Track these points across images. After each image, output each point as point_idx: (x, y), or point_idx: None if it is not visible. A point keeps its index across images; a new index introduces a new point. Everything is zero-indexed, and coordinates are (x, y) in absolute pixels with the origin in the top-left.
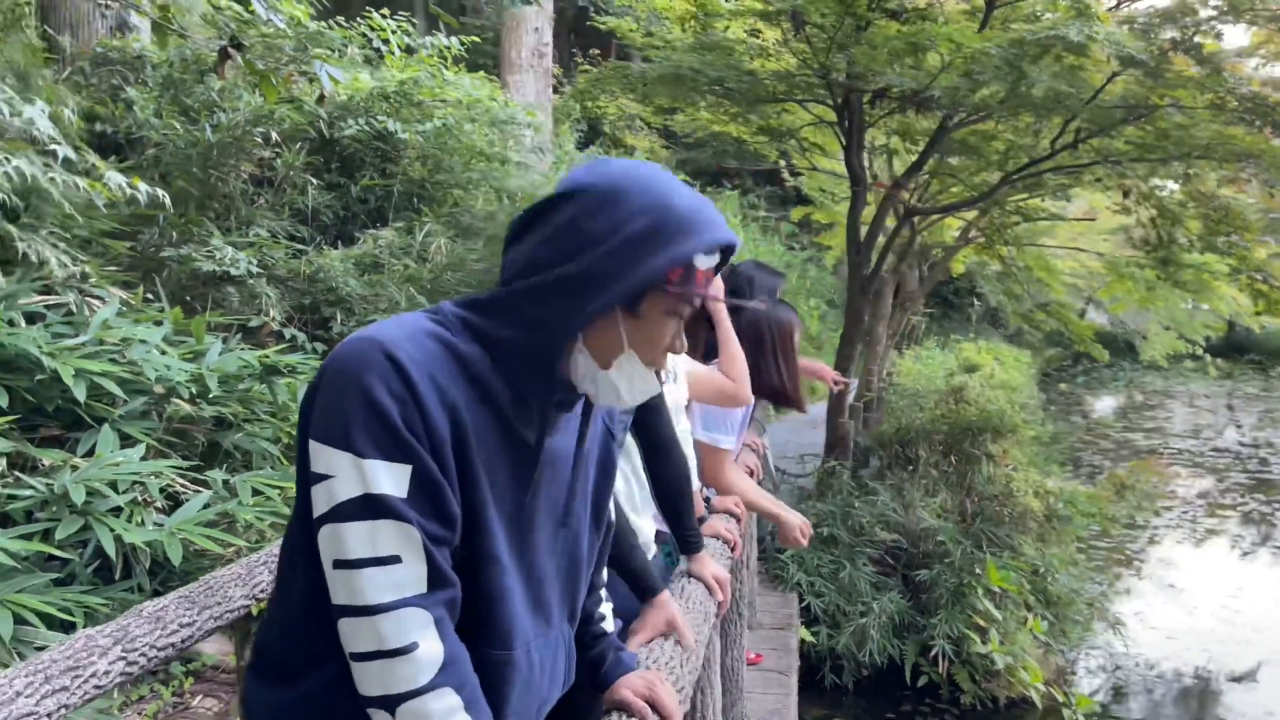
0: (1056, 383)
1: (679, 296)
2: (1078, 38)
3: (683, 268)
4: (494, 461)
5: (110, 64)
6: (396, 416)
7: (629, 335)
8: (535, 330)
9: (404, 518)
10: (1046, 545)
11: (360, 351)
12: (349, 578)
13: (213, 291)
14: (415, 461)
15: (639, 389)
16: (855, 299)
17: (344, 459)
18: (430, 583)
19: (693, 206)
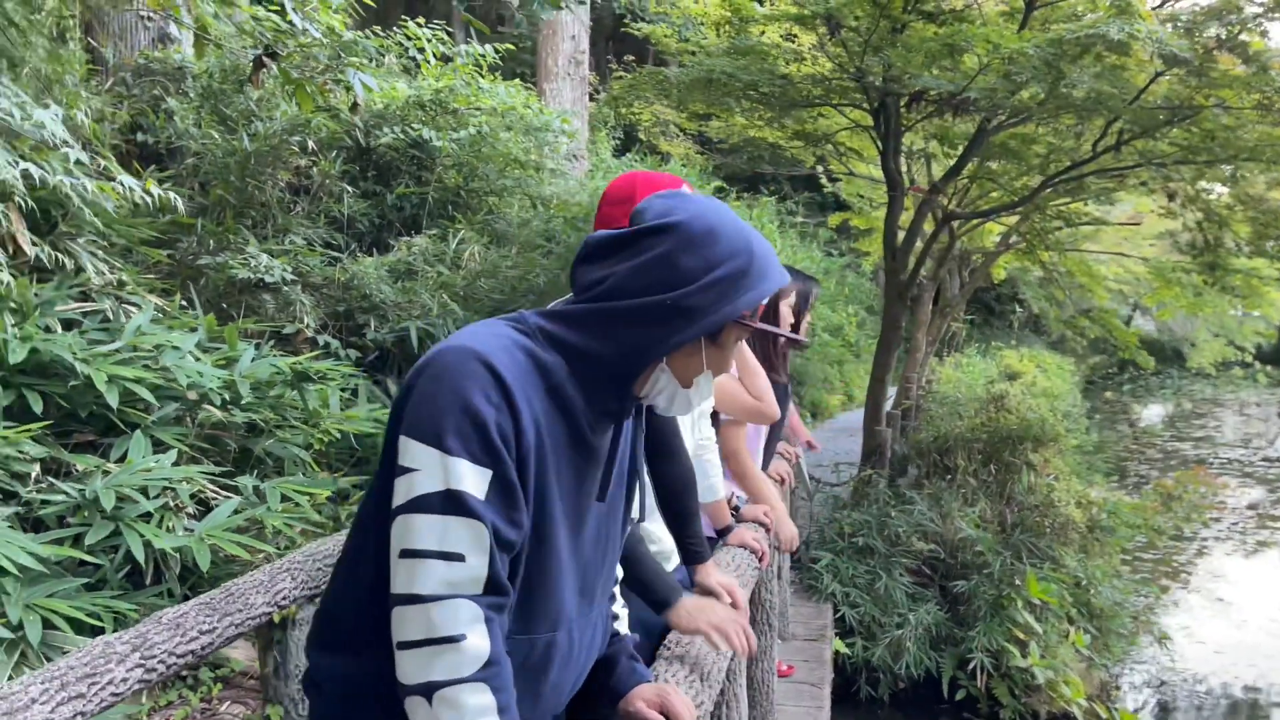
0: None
1: (749, 326)
2: (1119, 36)
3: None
4: (564, 466)
5: (152, 75)
6: (491, 424)
7: (709, 359)
8: (625, 349)
9: (479, 516)
10: (1089, 557)
11: (460, 360)
12: (411, 567)
13: (248, 299)
14: (498, 468)
15: (705, 400)
16: (893, 305)
17: (432, 455)
18: (487, 586)
19: (766, 251)
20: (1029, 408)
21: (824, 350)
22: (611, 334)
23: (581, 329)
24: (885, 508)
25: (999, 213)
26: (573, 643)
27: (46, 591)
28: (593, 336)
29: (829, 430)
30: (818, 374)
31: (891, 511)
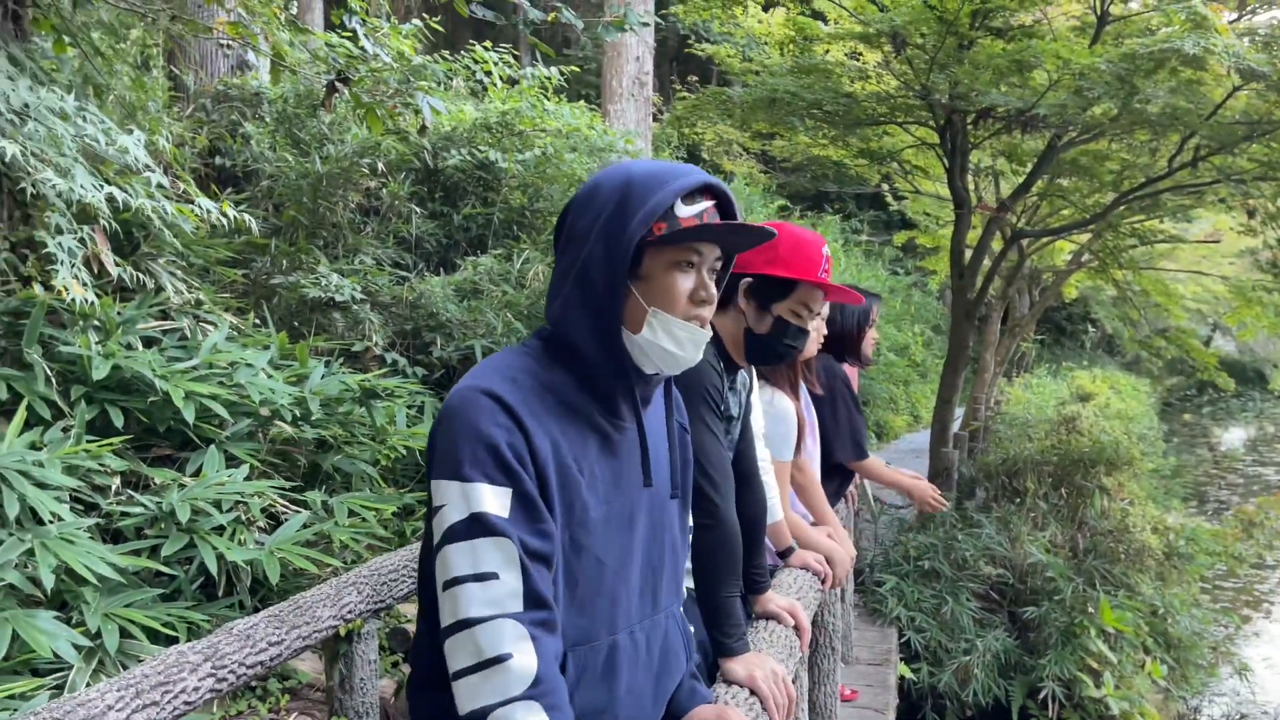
0: (1179, 413)
1: (675, 246)
2: (1193, 50)
3: (662, 219)
4: (596, 471)
5: (230, 101)
6: (503, 445)
7: (644, 296)
8: (586, 331)
9: (504, 533)
10: (1166, 584)
11: (466, 398)
12: (452, 596)
13: (319, 317)
14: (516, 485)
15: (685, 338)
16: (960, 325)
17: (453, 488)
18: (526, 600)
19: (651, 170)
20: (1102, 430)
21: (890, 370)
22: (572, 324)
23: (559, 334)
24: (952, 531)
25: (1070, 231)
26: (636, 645)
27: (124, 601)
28: (567, 335)
29: (894, 452)
30: (883, 394)
31: (958, 535)
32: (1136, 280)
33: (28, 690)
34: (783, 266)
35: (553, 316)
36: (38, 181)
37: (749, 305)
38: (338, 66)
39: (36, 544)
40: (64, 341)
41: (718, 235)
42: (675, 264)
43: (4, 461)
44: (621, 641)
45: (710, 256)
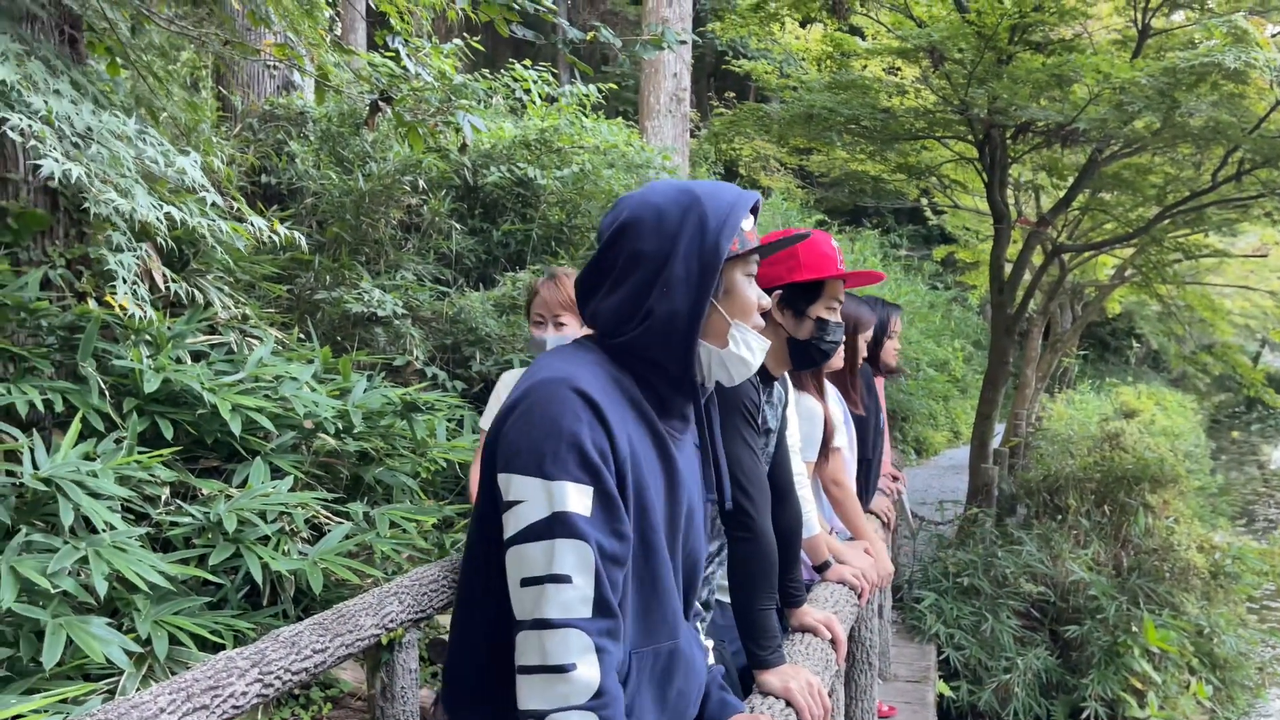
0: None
1: (744, 259)
2: (1234, 64)
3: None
4: (654, 471)
5: (276, 120)
6: (588, 442)
7: (728, 311)
8: (669, 348)
9: (584, 536)
10: (1212, 604)
11: (550, 390)
12: (529, 594)
13: (361, 332)
14: (598, 483)
15: (759, 348)
16: (999, 340)
17: (535, 484)
18: (595, 608)
19: (712, 191)
20: (1147, 447)
21: (929, 385)
22: (655, 341)
23: (635, 347)
24: (992, 547)
25: (1112, 245)
26: (692, 649)
27: (173, 609)
28: (648, 351)
29: (934, 468)
30: (923, 410)
31: (998, 551)
32: (1181, 295)
33: (80, 694)
34: (808, 270)
35: (609, 327)
36: (100, 201)
37: (785, 315)
38: (380, 86)
39: (90, 552)
40: (117, 355)
41: (774, 246)
42: (745, 274)
43: (60, 472)
44: (681, 646)
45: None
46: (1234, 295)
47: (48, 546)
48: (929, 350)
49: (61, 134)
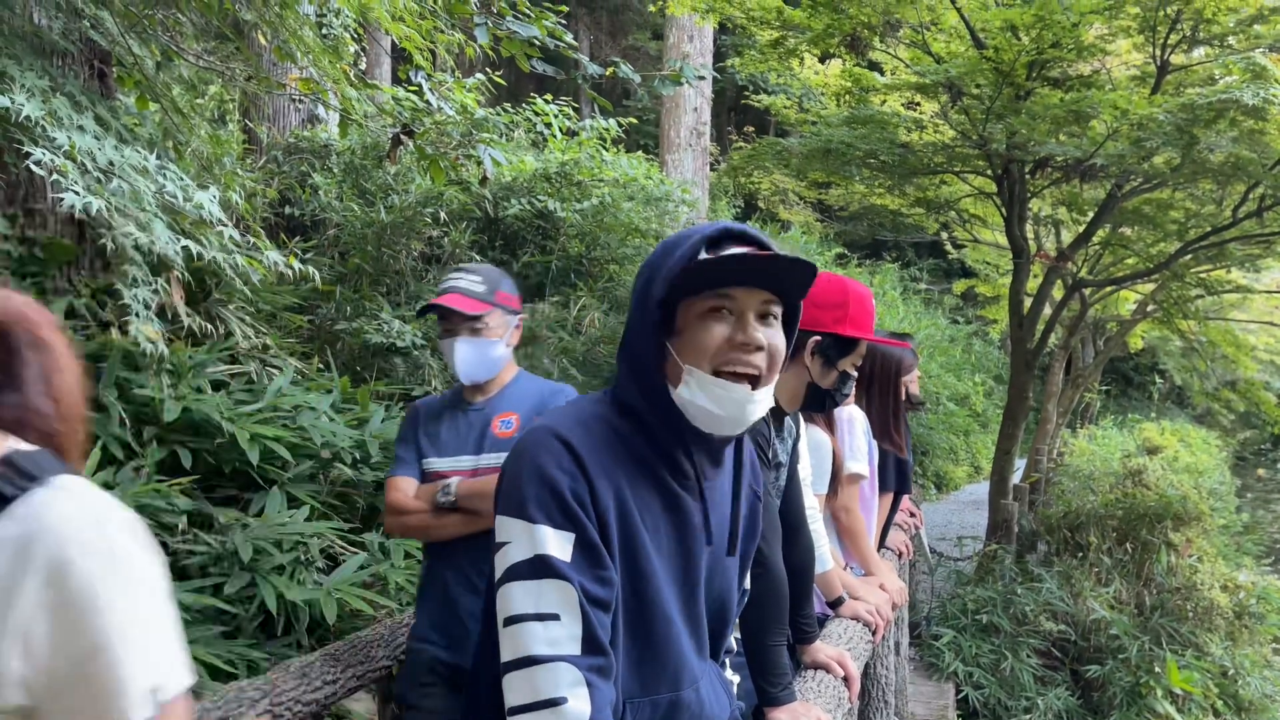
0: (1254, 468)
1: (703, 296)
2: (1253, 101)
3: (686, 269)
4: (659, 525)
5: (300, 153)
6: (566, 490)
7: (679, 352)
8: (636, 393)
9: (566, 578)
10: (1237, 645)
11: (537, 438)
12: (514, 633)
13: (380, 362)
14: (579, 531)
15: (723, 396)
16: (1019, 374)
17: (519, 526)
18: (584, 645)
19: (685, 234)
20: (1170, 484)
21: (949, 420)
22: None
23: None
24: (1011, 584)
25: (1132, 280)
26: (701, 701)
27: (188, 638)
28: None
29: (954, 503)
30: (943, 444)
31: (1018, 589)
32: (1203, 331)
33: None
34: (852, 326)
35: (617, 379)
36: (117, 236)
37: (814, 361)
38: (403, 119)
39: None
40: (138, 384)
41: (737, 264)
42: (706, 313)
43: None
44: (686, 698)
45: (752, 301)
46: (1258, 331)
47: None
48: (949, 384)
49: (84, 168)
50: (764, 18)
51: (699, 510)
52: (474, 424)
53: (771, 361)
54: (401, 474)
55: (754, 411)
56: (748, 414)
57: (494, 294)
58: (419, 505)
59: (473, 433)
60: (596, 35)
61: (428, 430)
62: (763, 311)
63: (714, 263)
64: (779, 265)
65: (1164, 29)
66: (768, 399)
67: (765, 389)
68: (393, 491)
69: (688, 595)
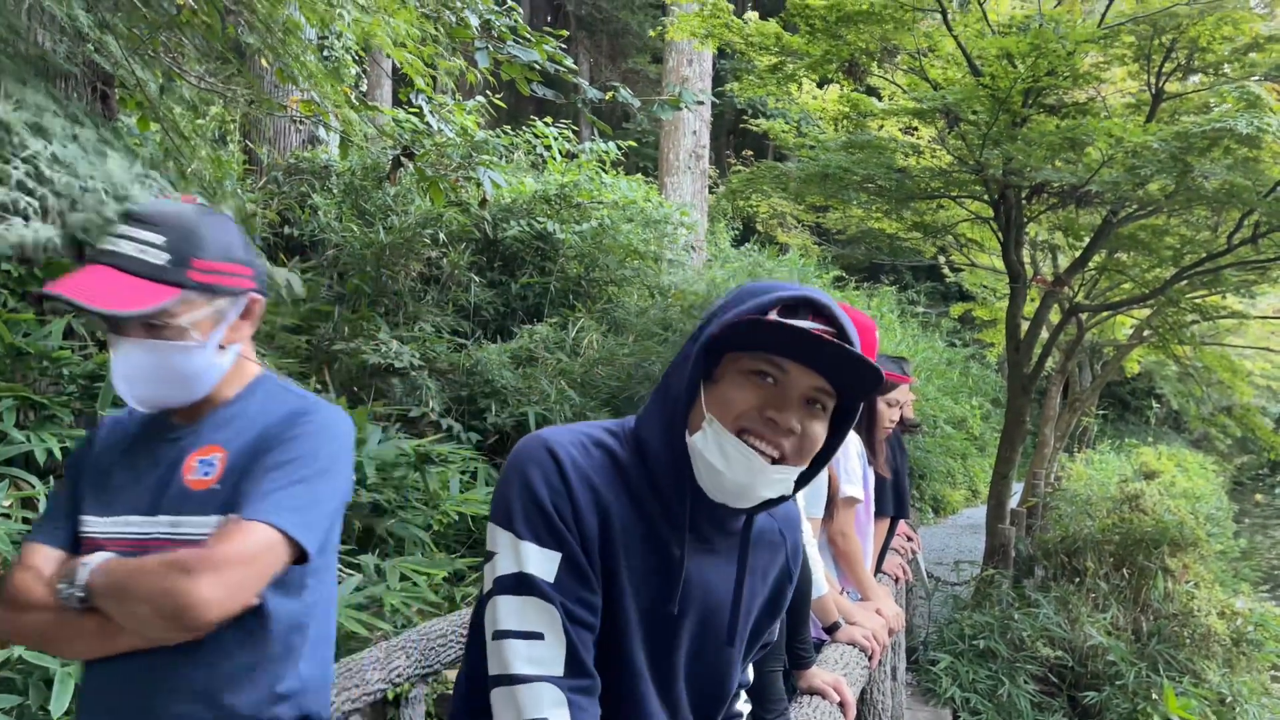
0: (1251, 493)
1: (752, 355)
2: (1247, 130)
3: (745, 324)
4: (640, 568)
5: (301, 173)
6: (550, 506)
7: (707, 401)
8: (656, 429)
9: (548, 598)
10: (1234, 672)
11: (529, 447)
12: (500, 648)
13: (378, 383)
14: (565, 550)
15: (736, 456)
16: (1016, 399)
17: (506, 538)
18: (568, 666)
19: (752, 288)
20: (1166, 509)
21: (947, 443)
22: (648, 420)
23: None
24: (1009, 610)
25: (1129, 305)
26: None
27: None
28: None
29: (951, 527)
30: (940, 468)
31: (1015, 614)
32: (1199, 356)
33: None
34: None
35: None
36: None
37: None
38: (403, 141)
39: None
40: None
41: (797, 334)
42: (749, 373)
43: None
44: None
45: (803, 382)
46: (1254, 356)
47: None
48: (946, 407)
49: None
50: (763, 43)
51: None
52: (159, 464)
53: (800, 449)
54: (39, 540)
55: (766, 486)
56: (757, 485)
57: (185, 262)
58: (42, 598)
59: (152, 478)
60: (596, 58)
61: (98, 468)
62: (811, 397)
63: (775, 326)
64: (843, 354)
65: (1159, 57)
66: (786, 481)
67: (787, 469)
68: (16, 570)
69: (667, 656)
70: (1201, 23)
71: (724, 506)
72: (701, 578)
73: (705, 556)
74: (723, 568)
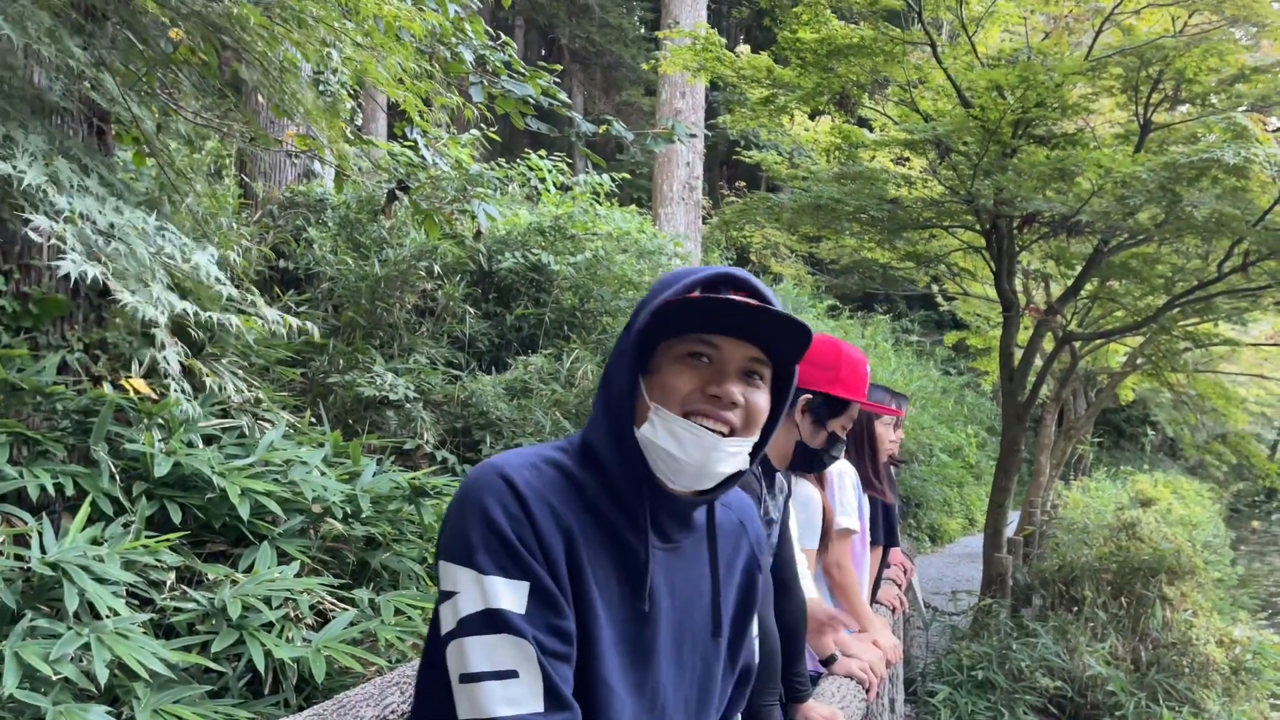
0: (1248, 519)
1: (685, 339)
2: (1234, 160)
3: (668, 303)
4: (609, 583)
5: (296, 207)
6: (511, 535)
7: (649, 391)
8: (604, 431)
9: (521, 633)
10: (1234, 701)
11: (481, 477)
12: (472, 691)
13: (373, 415)
14: (533, 578)
15: (688, 439)
16: (1011, 427)
17: (467, 576)
18: (547, 701)
19: (679, 273)
20: (1164, 536)
21: (943, 471)
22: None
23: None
24: (1007, 640)
25: (1121, 334)
26: None
27: (174, 697)
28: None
29: (948, 556)
30: (937, 496)
31: (1013, 644)
32: (1192, 384)
33: None
34: (844, 388)
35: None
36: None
37: (804, 420)
38: (399, 175)
39: (93, 638)
40: (129, 439)
41: (723, 308)
42: (684, 357)
43: (67, 556)
44: None
45: (737, 355)
46: (1248, 383)
47: (51, 632)
48: (942, 436)
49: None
50: (754, 76)
51: (670, 577)
52: None
53: (748, 420)
54: None
55: (721, 461)
56: (714, 462)
57: None
58: None
59: None
60: (590, 91)
61: None
62: (747, 369)
63: (700, 303)
64: (769, 318)
65: (1146, 88)
66: (740, 455)
67: (740, 440)
68: None
69: (646, 668)
70: (1188, 54)
71: (684, 499)
72: (671, 581)
73: (673, 559)
74: (692, 566)
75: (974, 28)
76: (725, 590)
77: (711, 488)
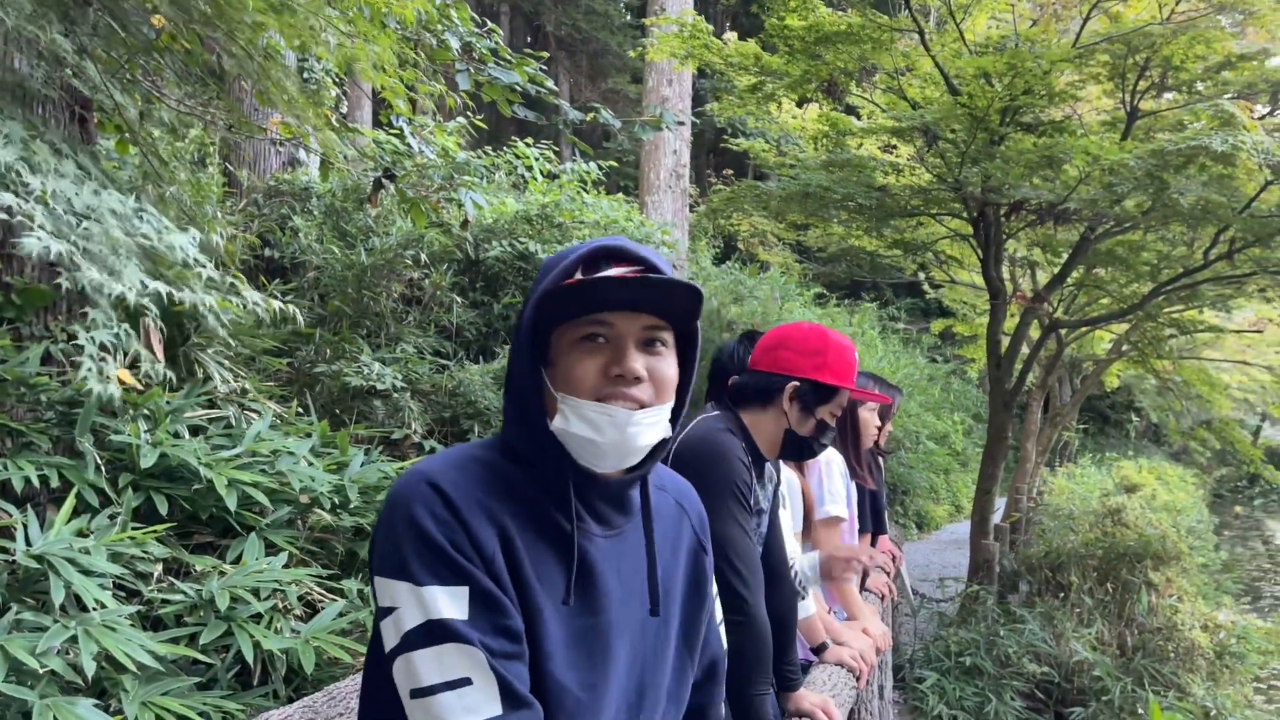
0: (1231, 505)
1: (575, 323)
2: (1222, 148)
3: (552, 291)
4: (551, 576)
5: (280, 195)
6: (443, 541)
7: (554, 383)
8: (516, 428)
9: (467, 640)
10: (1218, 685)
11: (407, 486)
12: (427, 706)
13: (360, 405)
14: (471, 582)
15: (603, 422)
16: (997, 414)
17: (404, 589)
18: (505, 702)
19: (550, 259)
20: (1148, 522)
21: (929, 459)
22: (508, 423)
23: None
24: (994, 626)
25: (1106, 321)
26: None
27: (162, 689)
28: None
29: (935, 542)
30: (923, 483)
31: (1001, 630)
32: (1177, 370)
33: None
34: (831, 375)
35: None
36: (79, 277)
37: (792, 408)
38: (384, 163)
39: (80, 631)
40: (115, 430)
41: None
42: (579, 341)
43: (52, 548)
44: None
45: (632, 328)
46: (1232, 370)
47: (38, 625)
48: (929, 423)
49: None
50: (742, 63)
51: (608, 563)
52: None
53: (658, 390)
54: None
55: (640, 435)
56: (632, 438)
57: None
58: None
59: None
60: (577, 78)
61: None
62: (646, 339)
63: (583, 286)
64: (653, 287)
65: (1133, 76)
66: (659, 423)
67: (654, 409)
68: None
69: (602, 661)
70: (1175, 42)
71: (615, 481)
72: (618, 567)
73: (617, 545)
74: (636, 552)
75: (962, 15)
76: (670, 571)
77: (639, 463)
